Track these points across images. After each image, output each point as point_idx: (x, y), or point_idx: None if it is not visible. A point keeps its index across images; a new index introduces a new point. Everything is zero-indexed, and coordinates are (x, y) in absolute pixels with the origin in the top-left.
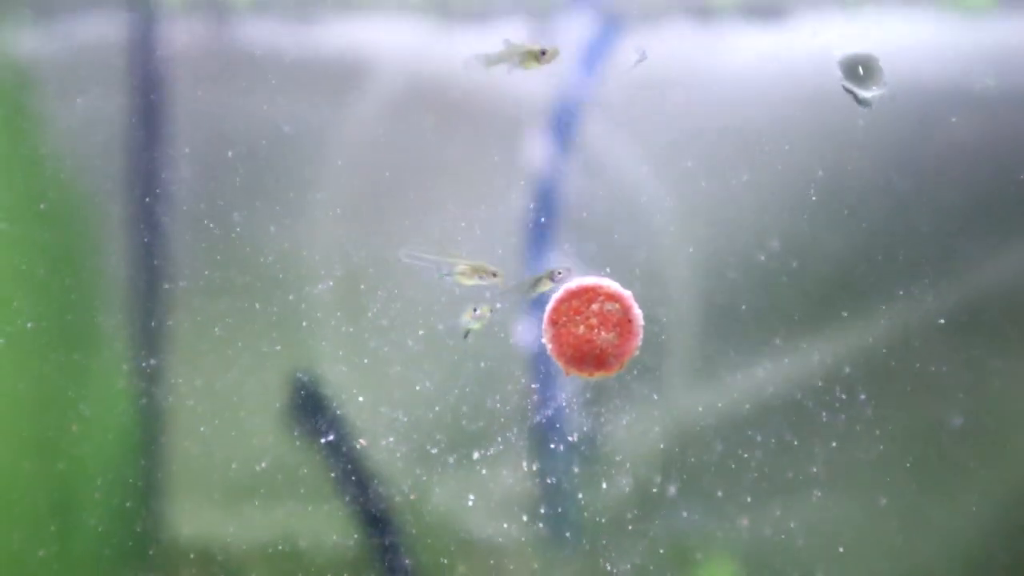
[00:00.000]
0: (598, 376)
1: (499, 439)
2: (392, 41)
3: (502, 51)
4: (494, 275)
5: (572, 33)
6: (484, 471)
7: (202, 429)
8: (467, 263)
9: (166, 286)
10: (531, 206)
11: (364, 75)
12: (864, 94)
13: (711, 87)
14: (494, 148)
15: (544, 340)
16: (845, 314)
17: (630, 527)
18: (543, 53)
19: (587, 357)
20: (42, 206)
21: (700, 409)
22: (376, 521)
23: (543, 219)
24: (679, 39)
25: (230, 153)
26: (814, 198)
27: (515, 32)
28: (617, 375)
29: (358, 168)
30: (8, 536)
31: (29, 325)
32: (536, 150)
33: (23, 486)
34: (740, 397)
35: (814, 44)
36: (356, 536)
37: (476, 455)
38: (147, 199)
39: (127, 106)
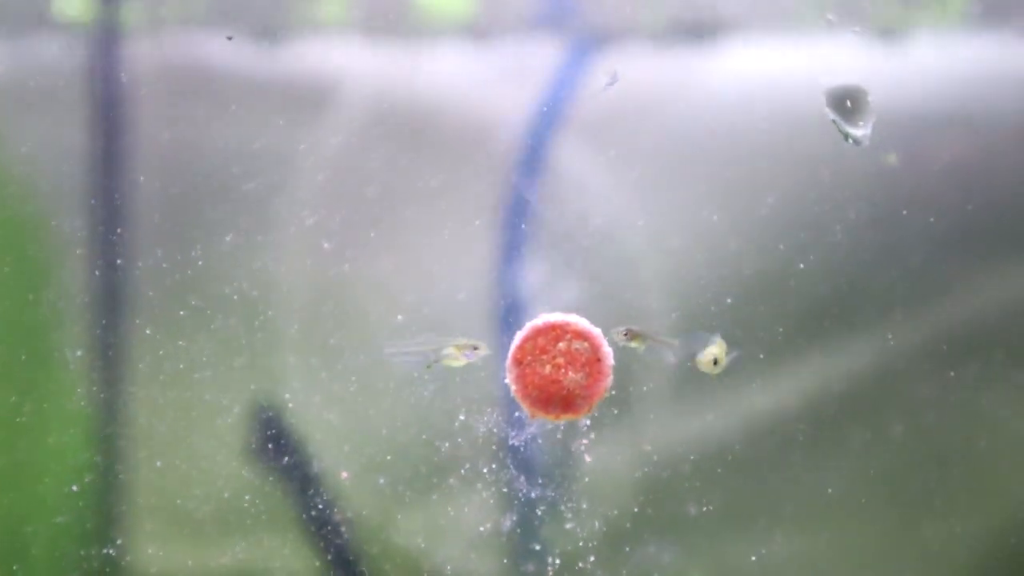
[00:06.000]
0: (565, 419)
1: (467, 474)
2: (359, 62)
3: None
4: (475, 348)
5: (544, 55)
6: (451, 506)
7: (162, 461)
8: (452, 344)
9: (126, 312)
10: (502, 231)
11: (331, 97)
12: (852, 131)
13: (694, 111)
14: (464, 171)
15: (507, 381)
16: (831, 341)
17: (601, 563)
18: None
19: (553, 399)
20: None
21: (676, 441)
22: (341, 555)
23: (515, 245)
24: (659, 61)
25: (193, 177)
26: (798, 224)
27: (481, 51)
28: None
29: (325, 192)
30: None
31: None
32: (508, 175)
33: None
34: (718, 429)
35: (801, 67)
36: (320, 570)
37: (443, 490)
38: (107, 223)
39: (87, 128)
